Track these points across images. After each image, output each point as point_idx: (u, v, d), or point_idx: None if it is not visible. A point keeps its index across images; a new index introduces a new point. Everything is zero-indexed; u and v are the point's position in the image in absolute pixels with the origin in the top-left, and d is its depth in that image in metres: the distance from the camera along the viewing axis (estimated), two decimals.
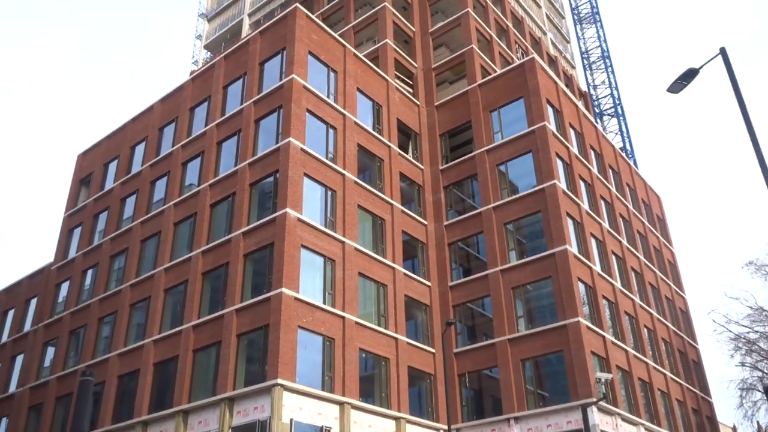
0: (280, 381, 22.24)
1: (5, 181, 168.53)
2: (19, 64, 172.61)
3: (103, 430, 27.65)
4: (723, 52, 16.18)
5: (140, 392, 27.31)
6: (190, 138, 32.25)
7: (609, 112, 64.73)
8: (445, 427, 28.26)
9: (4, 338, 38.63)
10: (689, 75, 16.64)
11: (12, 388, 35.35)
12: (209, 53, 58.51)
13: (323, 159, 28.23)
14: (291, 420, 22.29)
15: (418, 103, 36.92)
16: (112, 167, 37.06)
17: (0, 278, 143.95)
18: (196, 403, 24.72)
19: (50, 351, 34.19)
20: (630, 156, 60.96)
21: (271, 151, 27.47)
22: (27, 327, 37.30)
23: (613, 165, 39.81)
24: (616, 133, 62.92)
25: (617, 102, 64.67)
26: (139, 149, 35.62)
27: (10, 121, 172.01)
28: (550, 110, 33.44)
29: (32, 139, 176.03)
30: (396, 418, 26.58)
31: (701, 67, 16.48)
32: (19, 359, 36.13)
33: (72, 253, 36.61)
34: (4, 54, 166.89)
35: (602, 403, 26.22)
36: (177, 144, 32.79)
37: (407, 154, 34.58)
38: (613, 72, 66.56)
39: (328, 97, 30.07)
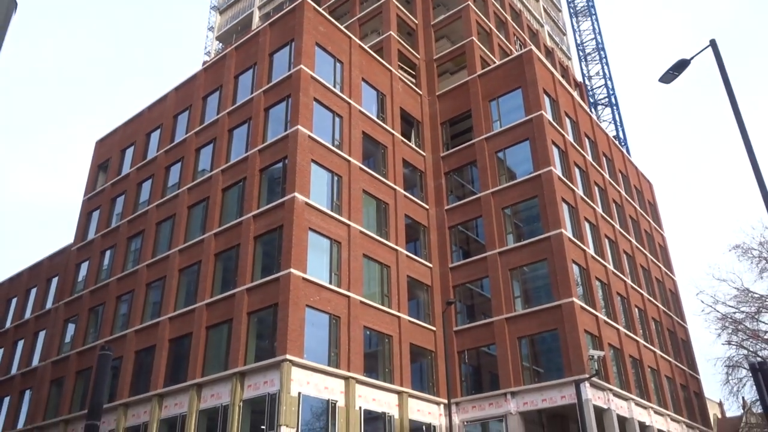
0: (288, 357, 22.92)
1: (30, 168, 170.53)
2: (46, 56, 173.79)
3: (121, 402, 28.34)
4: (713, 44, 16.34)
5: (156, 367, 27.90)
6: (202, 125, 32.86)
7: (603, 101, 65.40)
8: (445, 401, 28.95)
9: (28, 315, 39.58)
10: (680, 66, 16.74)
11: (35, 362, 36.34)
12: (221, 44, 58.79)
13: (330, 146, 28.84)
14: (299, 393, 22.99)
15: (421, 92, 37.53)
16: (129, 153, 37.77)
17: (23, 258, 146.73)
18: (209, 377, 25.35)
19: (71, 327, 35.07)
20: (623, 144, 61.82)
21: (280, 138, 28.06)
22: (49, 304, 38.17)
23: (607, 152, 40.52)
24: (610, 122, 63.72)
25: (611, 92, 65.28)
26: (155, 136, 36.31)
27: (35, 111, 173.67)
28: (546, 100, 34.04)
29: (54, 126, 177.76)
30: (398, 392, 27.24)
31: (692, 58, 16.57)
32: (42, 335, 37.09)
33: (91, 234, 37.40)
34: (31, 48, 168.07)
35: (594, 379, 26.77)
36: (190, 131, 33.49)
37: (410, 141, 35.23)
38: (607, 63, 67.13)
39: (334, 86, 30.64)
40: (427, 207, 34.09)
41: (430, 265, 32.53)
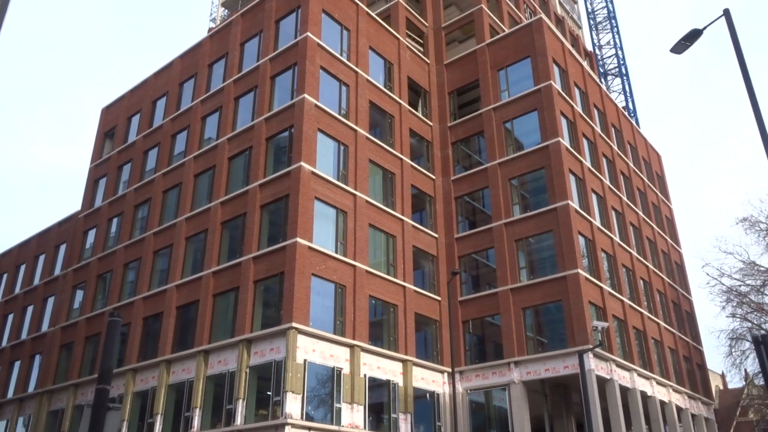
0: (294, 324, 23.15)
1: (43, 137, 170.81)
2: (56, 26, 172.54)
3: (129, 367, 28.74)
4: (726, 13, 16.02)
5: (164, 333, 28.23)
6: (208, 93, 32.69)
7: (613, 71, 64.54)
8: (449, 369, 29.27)
9: (36, 281, 39.97)
10: (692, 36, 16.39)
11: (44, 328, 36.87)
12: (226, 11, 58.05)
13: (336, 115, 28.68)
14: (305, 361, 23.30)
15: (428, 61, 37.12)
16: (135, 121, 37.65)
17: (36, 226, 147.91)
18: (216, 343, 25.60)
19: (79, 294, 35.46)
20: (632, 115, 61.20)
21: (286, 107, 27.88)
22: (57, 271, 38.46)
23: (616, 123, 40.19)
24: (620, 93, 62.97)
25: (621, 62, 64.36)
26: (161, 104, 36.15)
27: (46, 81, 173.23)
28: (556, 69, 33.64)
29: (65, 96, 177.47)
30: (403, 361, 27.54)
31: (704, 28, 16.28)
32: (51, 301, 37.48)
33: (98, 202, 37.53)
34: (40, 18, 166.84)
35: (598, 350, 26.87)
36: (196, 99, 33.31)
37: (417, 111, 34.99)
38: (618, 32, 65.91)
39: (341, 54, 30.36)
40: (433, 177, 34.03)
41: (436, 236, 32.59)
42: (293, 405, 22.49)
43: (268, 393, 23.61)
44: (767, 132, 14.37)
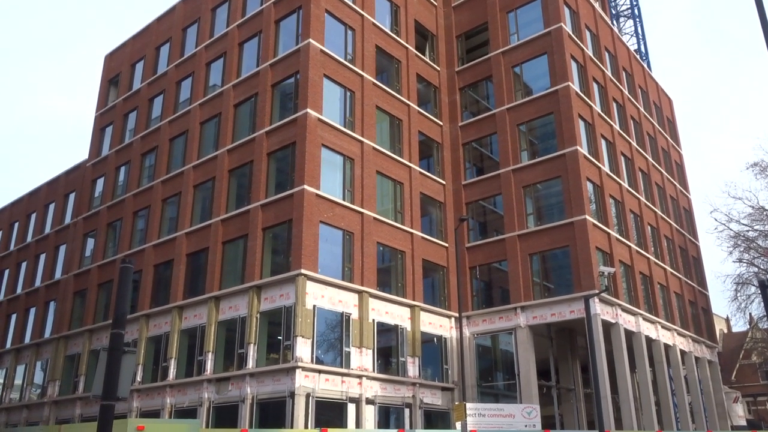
0: (303, 271, 23.46)
1: (46, 82, 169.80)
2: None
3: (142, 313, 29.29)
4: None
5: (175, 280, 28.65)
6: (212, 39, 32.23)
7: (625, 13, 62.86)
8: (457, 314, 29.59)
9: (48, 229, 40.44)
10: None
11: (57, 275, 37.47)
12: None
13: (342, 60, 28.28)
14: (314, 306, 23.75)
15: (436, 4, 36.16)
16: (139, 68, 37.30)
17: (41, 174, 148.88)
18: (227, 290, 26.03)
19: (90, 242, 35.87)
20: (644, 58, 59.92)
21: (291, 53, 27.54)
22: (68, 219, 38.82)
23: (627, 67, 39.44)
24: (632, 35, 61.45)
25: (634, 3, 62.62)
26: (164, 50, 35.70)
27: (55, 29, 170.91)
28: (566, 11, 32.82)
29: (74, 45, 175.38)
30: (411, 306, 27.91)
31: None
32: (62, 249, 37.93)
33: (105, 150, 37.54)
34: None
35: (604, 295, 26.92)
36: (200, 45, 32.87)
37: (424, 55, 34.44)
38: None
39: None
40: (440, 123, 33.75)
41: (443, 182, 32.56)
42: (303, 349, 22.98)
43: (279, 338, 24.11)
44: None
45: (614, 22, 62.66)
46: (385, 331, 26.98)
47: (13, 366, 37.89)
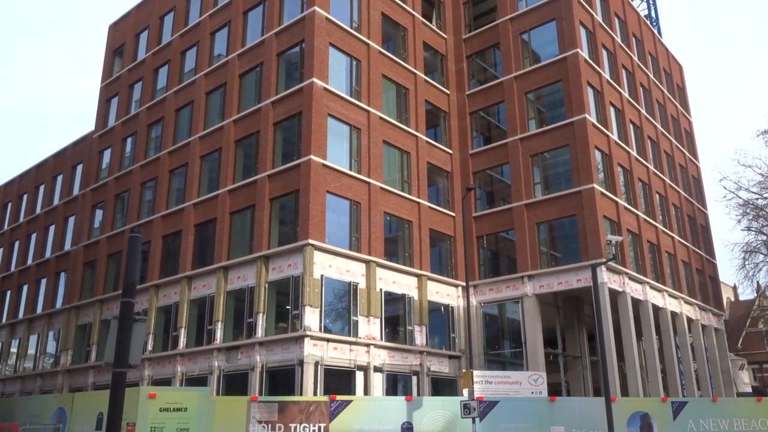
0: (310, 241, 23.56)
1: (50, 53, 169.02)
2: None
3: (152, 284, 29.55)
4: None
5: (183, 251, 28.85)
6: (216, 7, 31.86)
7: None
8: (464, 283, 29.72)
9: (56, 201, 40.58)
10: None
11: (67, 246, 37.79)
12: None
13: (348, 28, 28.01)
14: (321, 276, 23.91)
15: None
16: (143, 38, 36.98)
17: (48, 146, 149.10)
18: (235, 260, 26.18)
19: (99, 213, 36.04)
20: (654, 24, 58.88)
21: (296, 21, 27.24)
22: (76, 191, 38.93)
23: (637, 33, 38.84)
24: (642, 0, 60.37)
25: None
26: (168, 19, 35.36)
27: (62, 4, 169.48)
28: None
29: (84, 19, 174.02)
30: (418, 276, 28.05)
31: None
32: (71, 220, 38.15)
33: (111, 122, 37.46)
34: None
35: (611, 263, 26.92)
36: (204, 14, 32.52)
37: (431, 23, 34.00)
38: None
39: None
40: (447, 92, 33.47)
41: (450, 152, 32.41)
42: (311, 318, 23.19)
43: (287, 307, 24.32)
44: None
45: None
46: (393, 300, 27.15)
47: (26, 336, 38.43)
